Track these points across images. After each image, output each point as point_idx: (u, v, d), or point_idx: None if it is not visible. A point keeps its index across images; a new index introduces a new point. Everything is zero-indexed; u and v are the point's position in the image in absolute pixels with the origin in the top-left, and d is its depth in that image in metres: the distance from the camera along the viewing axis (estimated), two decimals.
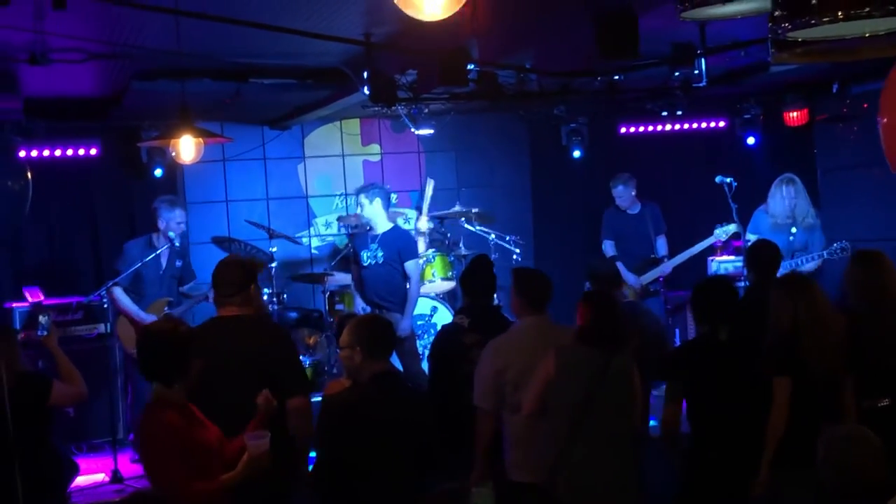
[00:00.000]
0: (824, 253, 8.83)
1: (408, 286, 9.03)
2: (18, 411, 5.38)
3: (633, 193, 10.36)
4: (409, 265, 9.03)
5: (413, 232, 10.13)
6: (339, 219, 10.82)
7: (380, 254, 9.06)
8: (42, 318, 6.29)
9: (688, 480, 5.61)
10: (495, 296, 6.76)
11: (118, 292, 8.70)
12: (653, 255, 10.15)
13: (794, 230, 8.97)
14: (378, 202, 9.15)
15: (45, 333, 6.17)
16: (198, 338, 4.72)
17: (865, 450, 4.10)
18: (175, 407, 4.55)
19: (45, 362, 8.25)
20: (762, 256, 6.86)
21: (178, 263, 9.05)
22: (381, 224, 9.18)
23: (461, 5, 4.10)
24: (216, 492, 4.50)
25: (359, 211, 9.28)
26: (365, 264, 9.12)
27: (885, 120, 4.11)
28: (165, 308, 8.83)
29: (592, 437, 5.18)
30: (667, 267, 9.97)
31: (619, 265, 9.00)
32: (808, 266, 8.88)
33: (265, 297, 10.00)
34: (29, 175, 8.90)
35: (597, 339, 5.29)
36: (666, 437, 5.68)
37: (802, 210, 9.15)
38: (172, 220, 8.90)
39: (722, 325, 5.51)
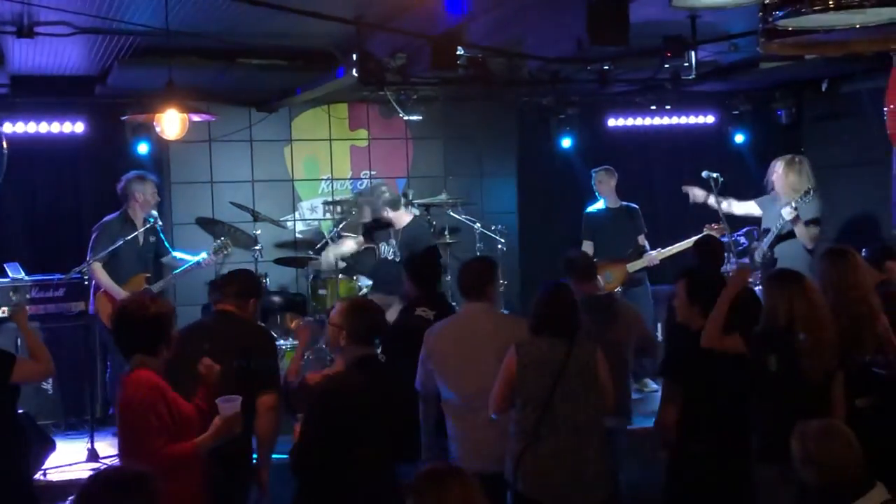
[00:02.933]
0: (789, 208, 8.76)
1: None
2: None
3: (614, 184, 10.31)
4: None
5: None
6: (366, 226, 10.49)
7: (397, 249, 9.45)
8: (13, 295, 6.27)
9: (674, 475, 5.60)
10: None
11: (98, 269, 8.67)
12: (637, 246, 10.11)
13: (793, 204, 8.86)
14: (388, 210, 9.56)
15: (17, 310, 6.13)
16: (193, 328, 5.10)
17: (839, 443, 4.10)
18: (151, 373, 4.64)
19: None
20: (708, 249, 6.95)
21: (152, 239, 9.06)
22: (401, 220, 9.57)
23: None
24: (189, 454, 4.58)
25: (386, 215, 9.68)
26: (384, 255, 9.50)
27: (893, 106, 4.12)
28: (144, 284, 8.81)
29: (558, 430, 5.16)
30: (655, 259, 9.96)
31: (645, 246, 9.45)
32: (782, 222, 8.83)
33: None
34: (5, 144, 8.83)
35: (552, 329, 5.27)
36: (662, 437, 5.68)
37: (786, 187, 9.03)
38: (147, 194, 8.97)
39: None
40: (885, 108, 4.07)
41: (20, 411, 6.18)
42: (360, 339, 4.96)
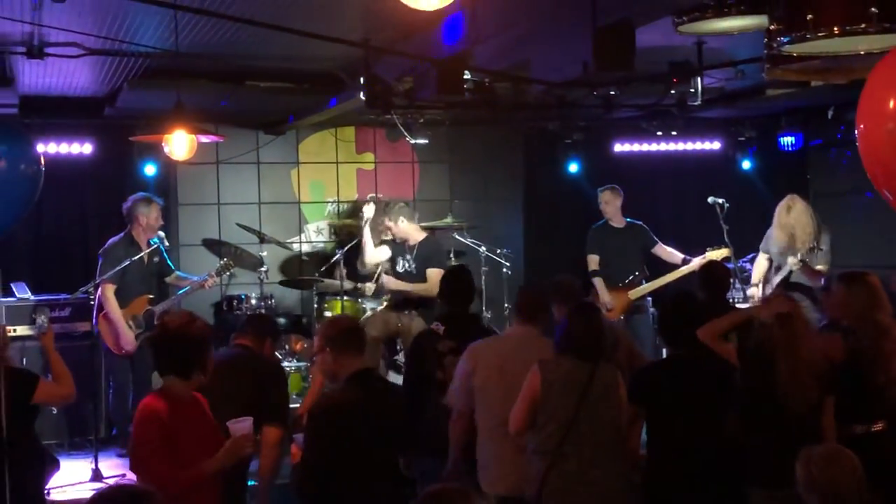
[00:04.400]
0: (798, 256, 8.70)
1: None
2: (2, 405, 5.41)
3: (619, 204, 10.28)
4: (431, 272, 9.13)
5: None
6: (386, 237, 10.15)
7: (413, 264, 9.34)
8: (40, 318, 6.32)
9: (648, 497, 5.57)
10: (484, 308, 6.80)
11: (109, 291, 8.69)
12: (639, 273, 10.08)
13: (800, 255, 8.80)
14: (402, 219, 9.41)
15: (44, 331, 6.16)
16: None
17: (844, 468, 4.09)
18: (175, 399, 4.61)
19: (29, 360, 8.29)
20: (713, 276, 6.91)
21: (156, 259, 9.07)
22: (415, 236, 9.45)
23: None
24: (198, 478, 4.54)
25: (388, 233, 9.61)
26: (400, 271, 9.40)
27: (862, 127, 4.14)
28: (147, 305, 8.82)
29: (582, 450, 5.15)
30: (654, 285, 9.90)
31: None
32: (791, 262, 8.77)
33: (253, 302, 10.04)
34: (42, 162, 8.94)
35: (578, 350, 5.26)
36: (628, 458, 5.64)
37: (802, 233, 8.93)
38: (151, 217, 8.95)
39: (684, 345, 5.49)
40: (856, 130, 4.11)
41: None
42: (345, 352, 4.92)
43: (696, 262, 9.64)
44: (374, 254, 9.74)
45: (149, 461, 4.51)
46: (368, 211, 9.99)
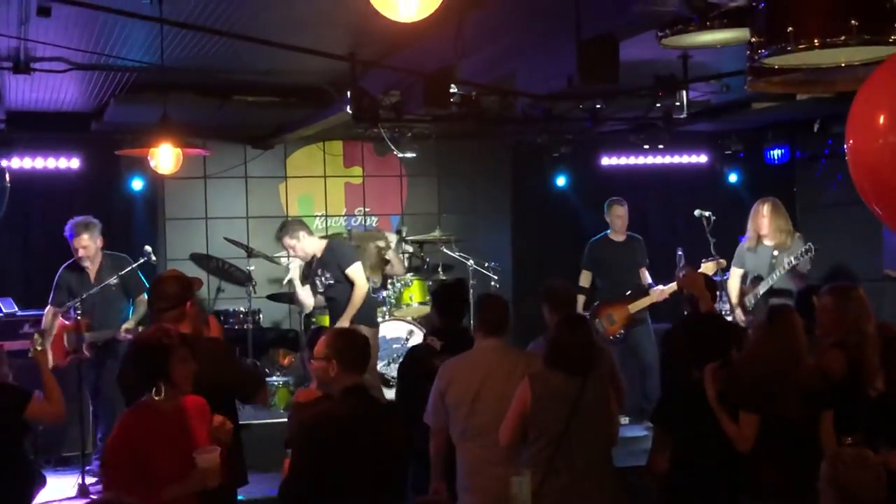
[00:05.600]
0: (791, 259, 8.73)
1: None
2: None
3: (626, 221, 10.25)
4: (350, 271, 8.72)
5: None
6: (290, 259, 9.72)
7: (327, 275, 8.84)
8: (36, 335, 6.28)
9: None
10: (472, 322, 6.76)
11: (48, 314, 8.58)
12: (640, 284, 10.05)
13: (774, 253, 8.84)
14: (299, 233, 8.87)
15: (39, 349, 6.13)
16: None
17: (869, 471, 4.10)
18: (151, 414, 4.57)
19: (16, 376, 8.23)
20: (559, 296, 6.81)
21: (115, 281, 8.58)
22: (314, 246, 8.89)
23: (437, 7, 4.13)
24: (157, 502, 4.47)
25: (293, 252, 8.98)
26: (321, 291, 8.93)
27: (851, 142, 4.16)
28: (84, 328, 8.42)
29: (573, 463, 5.15)
30: (663, 294, 9.79)
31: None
32: (776, 278, 8.76)
33: (241, 316, 10.03)
34: (7, 178, 8.86)
35: (568, 364, 5.26)
36: (655, 481, 5.66)
37: (773, 229, 8.89)
38: (80, 244, 8.58)
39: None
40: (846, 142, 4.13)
41: None
42: (350, 368, 4.91)
43: (658, 292, 9.67)
44: (308, 296, 9.33)
45: (112, 484, 4.48)
46: (294, 263, 9.54)
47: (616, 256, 10.15)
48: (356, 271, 8.71)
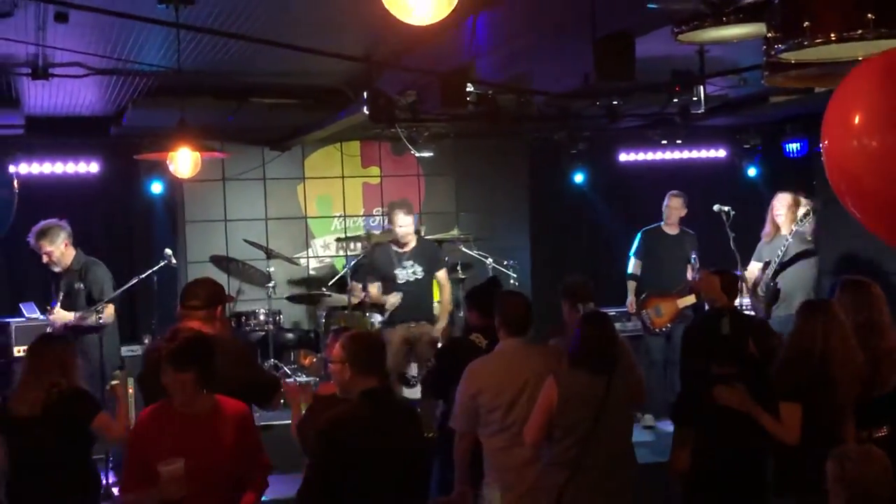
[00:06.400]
0: (793, 227, 8.75)
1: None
2: (61, 423, 5.47)
3: (682, 215, 10.19)
4: (440, 274, 9.32)
5: None
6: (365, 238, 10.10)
7: (417, 269, 9.30)
8: (118, 371, 6.34)
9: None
10: None
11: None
12: (688, 278, 10.00)
13: (787, 241, 8.89)
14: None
15: (116, 383, 6.18)
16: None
17: (876, 467, 4.09)
18: (167, 412, 4.65)
19: None
20: (724, 284, 6.82)
21: (79, 285, 8.55)
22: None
23: (451, 9, 4.13)
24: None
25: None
26: (402, 281, 9.30)
27: (827, 143, 4.14)
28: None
29: (599, 462, 5.15)
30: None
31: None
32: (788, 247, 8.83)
33: (262, 317, 10.07)
34: (16, 185, 8.89)
35: (593, 364, 5.25)
36: (677, 479, 5.66)
37: (790, 222, 9.04)
38: (43, 251, 8.56)
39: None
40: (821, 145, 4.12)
41: None
42: (365, 371, 4.89)
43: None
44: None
45: (123, 481, 4.64)
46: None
47: (667, 249, 10.11)
48: (444, 275, 9.08)
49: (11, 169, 9.53)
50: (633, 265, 10.17)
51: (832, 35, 3.74)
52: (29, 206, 9.36)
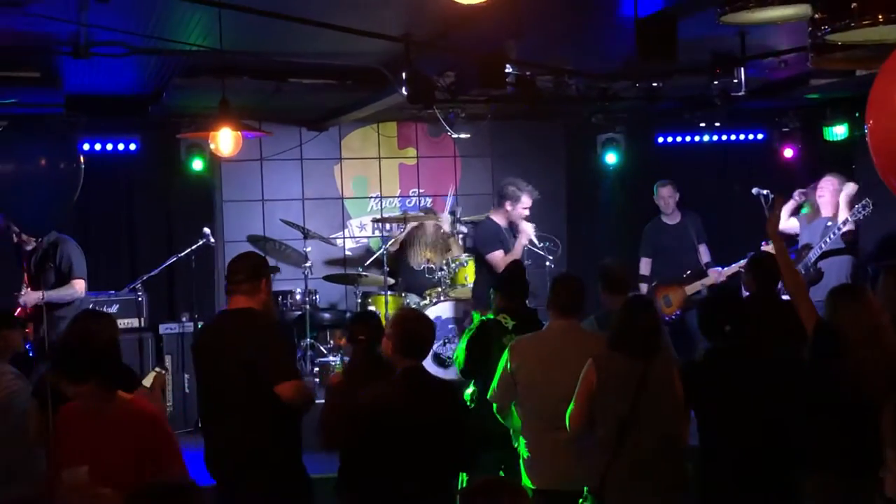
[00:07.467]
0: (848, 217, 8.71)
1: None
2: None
3: (676, 200, 10.26)
4: (490, 257, 9.05)
5: None
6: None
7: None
8: (157, 369, 6.22)
9: (705, 491, 5.54)
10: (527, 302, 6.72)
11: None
12: (698, 265, 10.01)
13: (828, 223, 8.84)
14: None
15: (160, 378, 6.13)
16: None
17: None
18: (84, 406, 4.62)
19: None
20: (762, 268, 6.82)
21: (51, 264, 8.50)
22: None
23: None
24: None
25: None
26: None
27: (872, 123, 4.10)
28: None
29: (640, 446, 5.14)
30: (721, 276, 9.81)
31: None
32: (832, 238, 8.77)
33: (298, 297, 10.11)
34: (82, 160, 8.93)
35: (631, 348, 5.23)
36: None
37: (832, 204, 9.01)
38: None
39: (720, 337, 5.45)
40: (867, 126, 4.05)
41: None
42: (402, 351, 4.95)
43: (716, 274, 9.74)
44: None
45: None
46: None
47: (671, 239, 10.12)
48: (496, 258, 8.86)
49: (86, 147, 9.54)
50: (642, 265, 10.20)
51: (880, 16, 3.71)
52: None
